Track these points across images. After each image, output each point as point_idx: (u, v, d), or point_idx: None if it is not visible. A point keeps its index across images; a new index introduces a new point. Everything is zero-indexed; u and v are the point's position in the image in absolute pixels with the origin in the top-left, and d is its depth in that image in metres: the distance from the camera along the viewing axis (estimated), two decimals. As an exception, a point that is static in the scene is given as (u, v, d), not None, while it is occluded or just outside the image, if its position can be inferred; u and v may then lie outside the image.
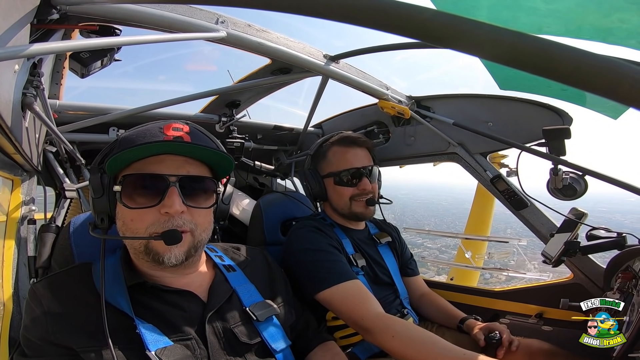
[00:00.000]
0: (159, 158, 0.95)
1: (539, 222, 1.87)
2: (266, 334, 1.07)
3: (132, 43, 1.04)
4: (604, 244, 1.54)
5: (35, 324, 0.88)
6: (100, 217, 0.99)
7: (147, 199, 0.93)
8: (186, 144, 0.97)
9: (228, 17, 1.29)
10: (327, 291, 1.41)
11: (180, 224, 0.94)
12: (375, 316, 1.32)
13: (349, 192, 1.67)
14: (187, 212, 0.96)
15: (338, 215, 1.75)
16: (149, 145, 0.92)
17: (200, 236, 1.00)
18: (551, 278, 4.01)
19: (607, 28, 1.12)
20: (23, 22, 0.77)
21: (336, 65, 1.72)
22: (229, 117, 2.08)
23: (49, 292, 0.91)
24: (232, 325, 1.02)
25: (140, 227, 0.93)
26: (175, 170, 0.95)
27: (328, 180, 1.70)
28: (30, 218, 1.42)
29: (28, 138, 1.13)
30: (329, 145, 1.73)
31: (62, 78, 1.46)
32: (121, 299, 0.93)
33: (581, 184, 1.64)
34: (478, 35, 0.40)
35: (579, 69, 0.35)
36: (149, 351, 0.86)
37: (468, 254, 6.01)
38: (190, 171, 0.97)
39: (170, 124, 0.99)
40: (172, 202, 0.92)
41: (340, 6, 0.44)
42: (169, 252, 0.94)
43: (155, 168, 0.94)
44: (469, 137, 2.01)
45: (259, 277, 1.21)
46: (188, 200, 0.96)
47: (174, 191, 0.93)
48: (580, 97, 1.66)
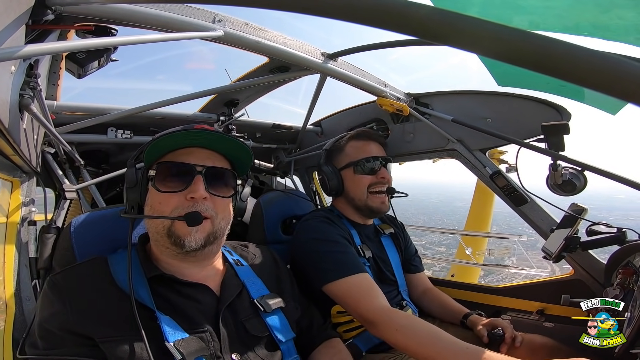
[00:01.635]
0: (188, 150, 1.07)
1: (539, 218, 1.87)
2: (273, 326, 1.12)
3: (128, 43, 1.04)
4: (604, 239, 1.54)
5: (55, 314, 0.89)
6: (131, 206, 1.08)
7: (176, 184, 1.04)
8: (215, 134, 1.07)
9: (225, 16, 1.29)
10: (335, 283, 1.42)
11: (202, 209, 1.02)
12: (380, 309, 1.33)
13: (368, 180, 1.69)
14: (209, 199, 1.05)
15: (351, 209, 1.76)
16: (183, 134, 1.04)
17: (219, 224, 1.08)
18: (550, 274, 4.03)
19: (605, 24, 1.12)
20: (18, 23, 0.76)
21: (334, 63, 1.71)
22: (228, 116, 2.07)
23: (69, 283, 0.95)
24: (242, 319, 1.07)
25: (166, 210, 1.02)
26: (202, 161, 1.06)
27: (346, 171, 1.72)
28: (30, 219, 1.42)
29: (26, 139, 1.13)
30: (347, 140, 1.77)
31: (59, 79, 1.45)
32: (142, 290, 0.97)
33: (580, 180, 1.64)
34: (476, 33, 0.39)
35: (577, 66, 0.35)
36: (168, 342, 0.90)
37: (468, 250, 6.02)
38: (215, 163, 1.09)
39: (199, 125, 1.10)
40: (197, 188, 1.02)
41: (338, 4, 0.44)
42: (189, 236, 1.01)
43: (185, 158, 1.05)
44: (468, 133, 2.01)
45: (266, 273, 1.26)
46: (211, 189, 1.05)
47: (199, 179, 1.03)
48: (579, 93, 1.66)
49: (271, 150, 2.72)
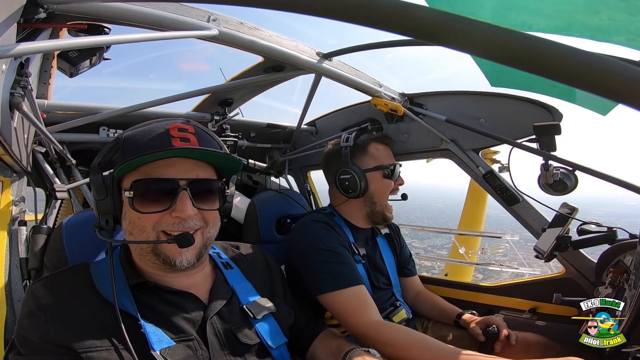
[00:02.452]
0: (168, 161, 0.95)
1: (531, 217, 1.89)
2: (263, 332, 1.07)
3: (121, 42, 1.03)
4: (594, 238, 1.56)
5: (34, 324, 0.86)
6: (105, 219, 0.98)
7: (158, 203, 0.93)
8: (198, 150, 0.97)
9: (220, 15, 1.28)
10: (329, 295, 1.43)
11: (192, 226, 0.95)
12: (370, 324, 1.36)
13: (391, 185, 1.72)
14: (198, 214, 0.97)
15: (361, 213, 1.74)
16: (162, 153, 0.92)
17: (209, 233, 1.02)
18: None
19: (597, 26, 1.14)
20: (9, 22, 0.76)
21: (329, 62, 1.72)
22: (222, 115, 2.06)
23: (48, 292, 0.90)
24: (232, 327, 1.02)
25: (147, 226, 0.93)
26: (185, 174, 0.95)
27: (374, 173, 1.69)
28: (21, 219, 1.40)
29: (17, 139, 1.11)
30: (368, 141, 1.75)
31: (51, 78, 1.43)
32: (125, 299, 0.92)
33: (572, 179, 1.66)
34: (470, 33, 0.40)
35: (568, 66, 0.36)
36: (154, 351, 0.86)
37: (462, 250, 6.06)
38: (200, 174, 0.98)
39: (175, 124, 0.99)
40: (184, 207, 0.93)
41: (333, 4, 0.44)
42: (181, 256, 0.95)
43: (165, 172, 0.94)
44: (461, 133, 2.03)
45: (257, 276, 1.21)
46: (198, 203, 0.96)
47: (185, 195, 0.93)
48: (570, 93, 1.68)
49: (265, 149, 2.72)
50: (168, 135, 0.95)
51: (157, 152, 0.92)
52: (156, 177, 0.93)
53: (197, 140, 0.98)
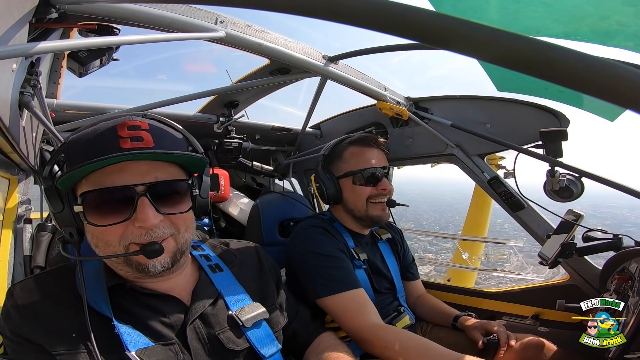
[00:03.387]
0: (120, 165, 0.84)
1: (536, 224, 1.88)
2: (254, 340, 1.01)
3: (131, 42, 1.04)
4: (600, 245, 1.54)
5: (11, 324, 0.84)
6: (68, 232, 0.90)
7: (116, 214, 0.84)
8: (149, 153, 0.85)
9: (227, 17, 1.29)
10: (328, 298, 1.43)
11: (159, 234, 0.86)
12: (369, 327, 1.35)
13: (367, 192, 1.63)
14: (165, 220, 0.88)
15: (350, 219, 1.72)
16: (107, 159, 0.80)
17: (183, 238, 0.93)
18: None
19: (606, 30, 1.13)
20: (22, 22, 0.77)
21: (335, 66, 1.72)
22: (227, 117, 2.07)
23: (26, 293, 0.88)
24: (217, 331, 0.97)
25: (112, 240, 0.86)
26: (141, 179, 0.84)
27: (345, 180, 1.65)
28: (26, 217, 1.42)
29: (25, 137, 1.12)
30: (346, 145, 1.70)
31: (60, 77, 1.45)
32: (100, 300, 0.88)
33: (578, 186, 1.65)
34: (476, 37, 0.40)
35: (576, 71, 0.36)
36: (129, 352, 0.82)
37: (465, 255, 6.01)
38: (159, 176, 0.87)
39: (125, 122, 0.86)
40: (145, 216, 0.83)
41: (339, 7, 0.45)
42: (153, 262, 0.87)
43: (118, 179, 0.83)
44: (466, 138, 2.02)
45: (249, 277, 1.14)
46: (163, 208, 0.87)
47: (144, 202, 0.83)
48: (578, 99, 1.67)
49: (270, 152, 2.72)
50: (115, 136, 0.84)
51: (102, 159, 0.79)
52: (108, 186, 0.83)
53: (152, 137, 0.87)
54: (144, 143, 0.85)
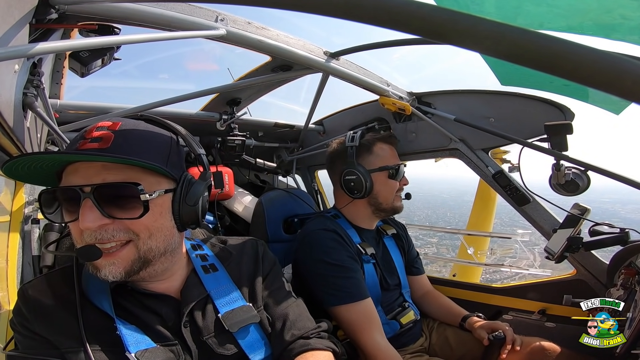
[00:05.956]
0: (74, 167, 0.84)
1: (542, 218, 1.87)
2: (244, 344, 0.99)
3: (132, 42, 1.04)
4: (606, 239, 1.53)
5: (23, 323, 0.87)
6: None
7: (69, 213, 0.85)
8: (97, 155, 0.83)
9: (228, 15, 1.29)
10: (337, 308, 1.46)
11: (105, 237, 0.83)
12: (370, 346, 1.40)
13: (397, 185, 1.72)
14: (117, 223, 0.84)
15: (366, 212, 1.74)
16: (52, 157, 0.81)
17: (146, 245, 0.87)
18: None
19: (609, 24, 1.12)
20: (22, 23, 0.77)
21: (336, 62, 1.71)
22: (230, 114, 2.08)
23: (36, 293, 0.90)
24: (205, 336, 0.95)
25: (76, 237, 0.86)
26: (89, 180, 0.82)
27: (379, 174, 1.69)
28: (34, 218, 1.43)
29: (30, 138, 1.13)
30: (374, 140, 1.75)
31: (63, 77, 1.46)
32: (104, 298, 0.90)
33: (584, 180, 1.63)
34: (479, 31, 0.39)
35: (581, 65, 0.35)
36: (129, 353, 0.83)
37: (470, 250, 6.01)
38: (107, 178, 0.83)
39: (94, 126, 0.88)
40: (83, 217, 0.81)
41: (341, 3, 0.44)
42: (104, 269, 0.84)
43: (70, 179, 0.84)
44: (470, 133, 2.01)
45: (244, 275, 1.10)
46: (110, 211, 0.83)
47: (86, 204, 0.81)
48: (583, 92, 1.65)
49: (273, 149, 2.72)
50: (82, 137, 0.87)
51: (45, 158, 0.82)
52: (62, 185, 0.86)
53: (114, 139, 0.85)
54: (100, 144, 0.84)
